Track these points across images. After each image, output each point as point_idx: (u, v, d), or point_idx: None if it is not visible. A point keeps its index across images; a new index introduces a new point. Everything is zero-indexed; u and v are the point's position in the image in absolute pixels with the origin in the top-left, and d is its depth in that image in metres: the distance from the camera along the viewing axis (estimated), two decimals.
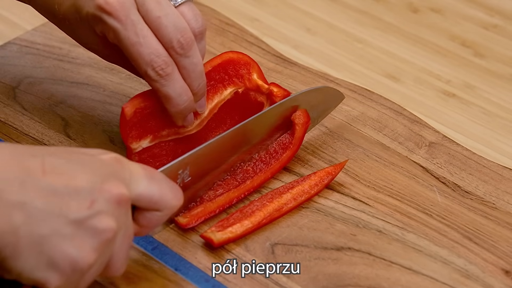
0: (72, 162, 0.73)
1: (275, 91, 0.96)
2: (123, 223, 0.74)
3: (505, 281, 0.86)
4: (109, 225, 0.72)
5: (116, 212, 0.73)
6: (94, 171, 0.73)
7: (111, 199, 0.73)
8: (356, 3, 1.24)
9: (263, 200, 0.91)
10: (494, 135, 1.05)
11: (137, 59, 0.87)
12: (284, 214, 0.90)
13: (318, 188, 0.93)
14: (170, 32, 0.87)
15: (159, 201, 0.77)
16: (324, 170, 0.94)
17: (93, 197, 0.72)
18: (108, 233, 0.72)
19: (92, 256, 0.72)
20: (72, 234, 0.71)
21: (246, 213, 0.89)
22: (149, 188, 0.77)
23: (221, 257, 0.87)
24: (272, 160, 0.94)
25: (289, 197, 0.91)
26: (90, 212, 0.71)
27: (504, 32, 1.21)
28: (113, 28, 0.86)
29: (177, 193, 0.79)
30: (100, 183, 0.73)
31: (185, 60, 0.88)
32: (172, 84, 0.88)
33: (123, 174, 0.75)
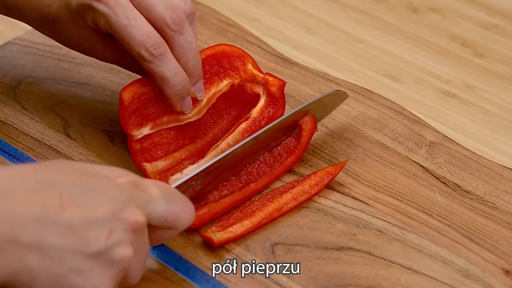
0: (90, 190, 0.72)
1: (271, 80, 0.96)
2: (138, 247, 0.75)
3: (505, 281, 0.86)
4: (126, 254, 0.72)
5: (133, 239, 0.73)
6: (112, 198, 0.73)
7: (128, 227, 0.73)
8: (356, 3, 1.24)
9: (263, 200, 0.91)
10: (494, 135, 1.05)
11: (129, 41, 0.87)
12: (284, 214, 0.90)
13: (318, 188, 0.93)
14: (162, 9, 0.87)
15: (173, 222, 0.78)
16: (324, 170, 0.94)
17: (111, 227, 0.72)
18: (125, 262, 0.72)
19: (109, 284, 0.72)
20: (90, 268, 0.71)
21: (246, 213, 0.89)
22: (165, 211, 0.77)
23: (221, 257, 0.87)
24: (276, 164, 0.94)
25: (289, 197, 0.91)
26: (108, 243, 0.71)
27: (504, 32, 1.21)
28: (103, 13, 0.86)
29: (191, 213, 0.80)
30: (117, 211, 0.72)
31: (180, 38, 0.88)
32: (166, 64, 0.88)
33: (140, 199, 0.75)
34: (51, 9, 0.91)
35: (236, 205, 0.91)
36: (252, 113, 0.95)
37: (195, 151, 0.94)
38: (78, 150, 0.96)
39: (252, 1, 1.24)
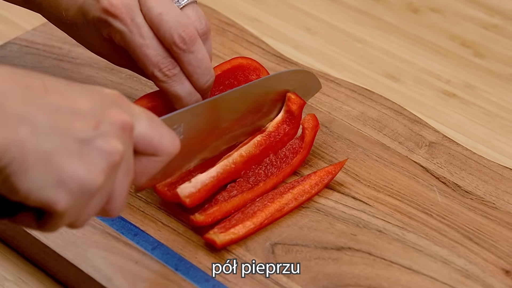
0: (73, 86, 0.70)
1: (293, 98, 0.96)
2: (127, 152, 0.71)
3: (505, 281, 0.86)
4: (116, 146, 0.69)
5: (121, 137, 0.70)
6: (96, 98, 0.70)
7: (116, 123, 0.70)
8: (356, 3, 1.25)
9: (264, 200, 0.91)
10: (494, 135, 1.05)
11: (143, 61, 0.87)
12: (286, 214, 0.90)
13: (318, 188, 0.93)
14: (171, 27, 0.87)
15: (157, 145, 0.74)
16: (324, 169, 0.94)
17: (98, 119, 0.69)
18: (115, 155, 0.69)
19: (100, 177, 0.68)
20: (79, 152, 0.67)
21: (248, 214, 0.89)
22: (149, 129, 0.74)
23: (221, 257, 0.87)
24: (283, 164, 0.94)
25: (290, 197, 0.91)
26: (96, 132, 0.68)
27: (504, 32, 1.21)
28: (119, 30, 0.87)
29: (175, 140, 0.76)
30: (103, 108, 0.70)
31: (189, 56, 0.88)
32: (180, 84, 0.88)
33: (125, 108, 0.72)
34: (69, 14, 0.91)
35: (246, 203, 0.91)
36: (268, 127, 0.95)
37: (206, 163, 0.94)
38: None
39: (252, 1, 1.24)
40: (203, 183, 0.88)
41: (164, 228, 0.89)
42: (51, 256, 0.86)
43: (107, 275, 0.84)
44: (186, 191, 0.87)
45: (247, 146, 0.93)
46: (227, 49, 1.12)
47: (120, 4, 0.86)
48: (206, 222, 0.87)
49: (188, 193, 0.87)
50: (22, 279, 0.88)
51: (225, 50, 1.12)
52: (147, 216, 0.90)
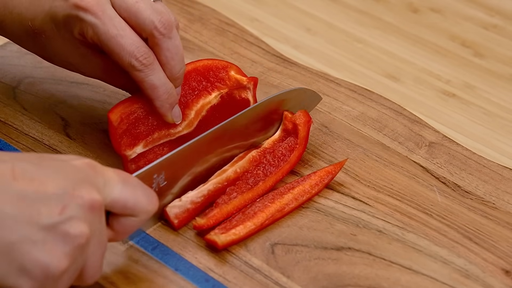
0: (43, 167, 0.72)
1: (289, 116, 0.96)
2: (96, 229, 0.73)
3: (505, 281, 0.86)
4: (81, 230, 0.71)
5: (88, 218, 0.72)
6: (66, 177, 0.72)
7: (83, 205, 0.71)
8: (356, 3, 1.25)
9: (264, 201, 0.91)
10: (494, 135, 1.05)
11: (119, 51, 0.87)
12: (286, 214, 0.90)
13: (318, 188, 0.93)
14: (150, 14, 0.87)
15: (133, 207, 0.76)
16: (324, 169, 0.94)
17: (65, 202, 0.70)
18: (80, 238, 0.71)
19: (64, 262, 0.70)
20: (43, 240, 0.69)
21: (248, 215, 0.89)
22: (123, 193, 0.75)
23: (221, 257, 0.87)
24: (281, 163, 0.94)
25: (290, 197, 0.91)
26: (62, 217, 0.70)
27: (504, 32, 1.21)
28: (91, 24, 0.86)
29: (152, 198, 0.78)
30: (71, 189, 0.71)
31: (168, 42, 0.88)
32: (156, 73, 0.88)
33: (96, 180, 0.74)
34: (36, 23, 0.91)
35: (247, 203, 0.90)
36: (264, 144, 0.96)
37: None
38: (78, 150, 0.96)
39: (252, 1, 1.24)
40: (193, 202, 0.89)
41: (164, 228, 0.89)
42: None
43: (107, 275, 0.84)
44: (175, 211, 0.88)
45: (242, 163, 0.93)
46: (227, 49, 1.12)
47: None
48: (208, 225, 0.87)
49: (176, 214, 0.88)
50: None
51: (225, 50, 1.12)
52: None
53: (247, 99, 0.96)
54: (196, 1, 1.20)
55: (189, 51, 1.11)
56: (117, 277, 0.84)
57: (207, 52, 1.11)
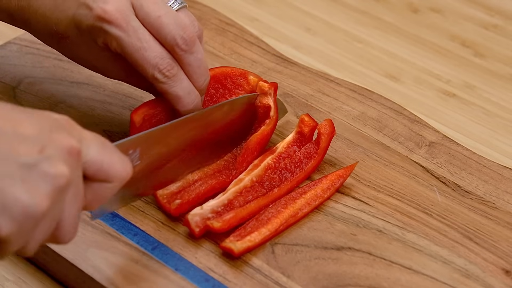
0: (19, 110, 0.70)
1: (306, 120, 0.95)
2: (75, 177, 0.71)
3: (505, 281, 0.86)
4: (62, 170, 0.68)
5: (68, 161, 0.69)
6: (44, 122, 0.70)
7: (62, 148, 0.69)
8: (356, 3, 1.25)
9: (277, 206, 0.90)
10: (494, 135, 1.05)
11: (142, 64, 0.87)
12: (300, 219, 0.90)
13: (330, 192, 0.92)
14: (172, 29, 0.87)
15: (108, 171, 0.74)
16: (335, 173, 0.93)
17: (43, 143, 0.68)
18: (61, 179, 0.68)
19: (45, 202, 0.67)
20: (23, 177, 0.67)
21: (262, 221, 0.88)
22: (99, 154, 0.73)
23: (221, 257, 0.86)
24: (297, 169, 0.93)
25: (303, 202, 0.91)
26: (41, 156, 0.68)
27: (504, 32, 1.21)
28: (115, 36, 0.86)
29: (127, 166, 0.75)
30: (49, 132, 0.69)
31: (190, 57, 0.88)
32: (180, 84, 0.88)
33: (73, 133, 0.71)
34: (60, 27, 0.90)
35: (261, 210, 0.90)
36: (279, 148, 0.95)
37: (209, 171, 0.94)
38: None
39: (252, 1, 1.24)
40: (213, 210, 0.88)
41: (164, 228, 0.89)
42: (51, 256, 0.86)
43: (107, 275, 0.84)
44: (196, 219, 0.87)
45: (257, 171, 0.92)
46: (227, 49, 1.12)
47: (114, 10, 0.86)
48: (223, 229, 0.87)
49: (197, 222, 0.87)
50: (22, 279, 0.88)
51: (225, 50, 1.12)
52: (147, 216, 0.90)
53: (268, 104, 0.95)
54: (196, 1, 1.20)
55: None
56: (117, 277, 0.84)
57: (207, 52, 1.11)
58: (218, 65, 1.08)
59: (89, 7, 0.87)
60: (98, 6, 0.86)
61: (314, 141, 0.95)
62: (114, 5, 0.86)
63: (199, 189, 0.91)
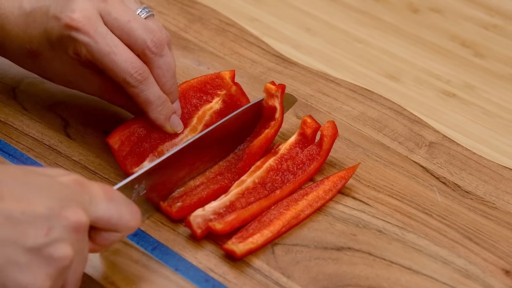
0: (31, 186, 0.72)
1: (309, 122, 0.95)
2: (79, 249, 0.74)
3: (505, 281, 0.86)
4: (65, 253, 0.71)
5: (73, 239, 0.72)
6: (53, 195, 0.72)
7: (69, 226, 0.72)
8: (356, 3, 1.24)
9: (279, 208, 0.90)
10: (494, 135, 1.05)
11: (113, 68, 0.89)
12: (302, 221, 0.90)
13: (332, 193, 0.92)
14: (142, 33, 0.89)
15: (117, 223, 0.77)
16: (336, 174, 0.93)
17: (51, 224, 0.71)
18: (64, 260, 0.71)
19: (46, 283, 0.71)
20: (27, 262, 0.70)
21: (264, 223, 0.88)
22: (108, 211, 0.76)
23: (221, 257, 0.86)
24: (300, 171, 0.93)
25: (305, 204, 0.90)
26: (47, 239, 0.71)
27: (504, 32, 1.21)
28: (84, 43, 0.88)
29: (136, 215, 0.78)
30: (58, 209, 0.72)
31: (160, 60, 0.90)
32: (150, 88, 0.90)
33: (82, 198, 0.74)
34: (33, 45, 0.92)
35: (263, 211, 0.90)
36: (281, 149, 0.94)
37: (211, 174, 0.94)
38: (78, 150, 0.96)
39: (251, 1, 1.24)
40: (215, 212, 0.88)
41: (164, 228, 0.89)
42: None
43: (107, 275, 0.84)
44: (198, 221, 0.87)
45: (260, 173, 0.92)
46: (227, 49, 1.12)
47: (80, 17, 0.88)
48: (225, 231, 0.87)
49: (199, 224, 0.87)
50: None
51: (225, 50, 1.12)
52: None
53: (274, 106, 0.95)
54: (196, 1, 1.20)
55: (189, 51, 1.11)
56: (117, 277, 0.84)
57: (207, 52, 1.11)
58: (218, 65, 1.08)
59: (57, 18, 0.89)
60: (65, 15, 0.88)
61: (316, 143, 0.95)
62: (81, 13, 0.88)
63: (201, 193, 0.91)
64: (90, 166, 0.95)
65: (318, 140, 0.95)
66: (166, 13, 1.18)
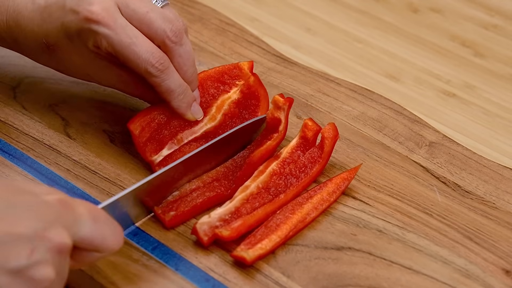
0: (14, 205, 0.72)
1: (309, 124, 0.94)
2: (61, 269, 0.74)
3: (505, 281, 0.86)
4: (47, 274, 0.71)
5: (55, 260, 0.72)
6: (37, 216, 0.72)
7: (52, 248, 0.72)
8: (356, 3, 1.25)
9: (285, 212, 0.90)
10: (494, 135, 1.05)
11: (134, 59, 0.89)
12: (308, 224, 0.90)
13: (336, 195, 0.92)
14: (161, 23, 0.89)
15: (99, 245, 0.76)
16: (339, 176, 0.93)
17: (34, 245, 0.71)
18: (45, 282, 0.71)
19: None
20: (8, 284, 0.70)
21: (271, 228, 0.88)
22: (91, 232, 0.75)
23: (221, 257, 0.86)
24: (302, 175, 0.93)
25: (310, 207, 0.90)
26: (29, 261, 0.70)
27: (504, 32, 1.21)
28: (104, 35, 0.88)
29: (119, 237, 0.78)
30: (42, 230, 0.72)
31: (180, 49, 0.90)
32: (171, 77, 0.90)
33: (66, 218, 0.74)
34: (50, 39, 0.92)
35: (269, 216, 0.89)
36: (283, 153, 0.94)
37: (208, 179, 0.93)
38: (78, 150, 0.96)
39: (252, 1, 1.24)
40: (221, 219, 0.88)
41: (164, 228, 0.89)
42: None
43: (107, 275, 0.84)
44: (204, 228, 0.87)
45: (263, 177, 0.92)
46: (227, 49, 1.12)
47: (100, 10, 0.88)
48: (232, 237, 0.86)
49: (205, 231, 0.87)
50: None
51: (225, 50, 1.12)
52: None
53: (279, 118, 0.95)
54: (196, 1, 1.20)
55: None
56: (117, 277, 0.84)
57: (207, 52, 1.11)
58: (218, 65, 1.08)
59: (75, 12, 0.88)
60: (84, 8, 0.88)
61: (318, 145, 0.95)
62: (100, 6, 0.88)
63: (195, 201, 0.90)
64: (90, 166, 0.95)
65: (319, 142, 0.95)
66: None
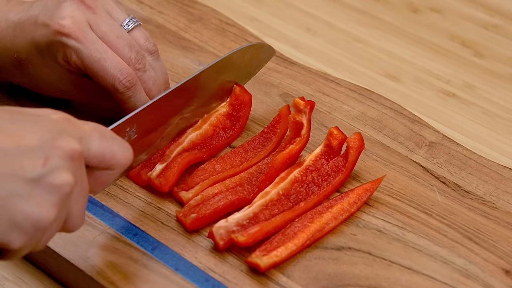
0: (20, 121, 0.72)
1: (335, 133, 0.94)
2: (79, 178, 0.73)
3: (505, 281, 0.86)
4: (66, 179, 0.71)
5: (71, 167, 0.72)
6: (44, 129, 0.72)
7: (64, 155, 0.72)
8: (356, 3, 1.25)
9: (303, 220, 0.88)
10: (494, 135, 1.05)
11: (102, 74, 0.90)
12: (326, 234, 0.89)
13: (357, 206, 0.91)
14: (127, 52, 0.91)
15: (110, 161, 0.76)
16: (361, 187, 0.92)
17: (46, 154, 0.71)
18: (66, 187, 0.71)
19: (53, 212, 0.71)
20: (29, 193, 0.70)
21: (288, 235, 0.87)
22: (100, 147, 0.76)
23: (221, 257, 0.86)
24: (325, 183, 0.92)
25: (330, 217, 0.89)
26: (45, 169, 0.70)
27: (504, 32, 1.21)
28: (74, 48, 0.89)
29: (128, 152, 0.78)
30: (51, 140, 0.72)
31: (144, 75, 0.92)
32: (138, 95, 0.92)
33: (74, 132, 0.74)
34: (21, 55, 0.93)
35: (287, 224, 0.88)
36: (306, 161, 0.93)
37: (230, 184, 0.93)
38: None
39: (251, 1, 1.24)
40: (238, 223, 0.87)
41: (164, 228, 0.89)
42: (51, 256, 0.86)
43: (107, 275, 0.84)
44: (221, 232, 0.87)
45: (284, 184, 0.91)
46: (227, 49, 1.12)
47: (71, 24, 0.89)
48: (248, 243, 0.86)
49: (222, 235, 0.87)
50: (22, 279, 0.88)
51: (225, 50, 1.12)
52: (147, 216, 0.90)
53: (301, 122, 0.95)
54: (196, 1, 1.20)
55: (189, 51, 1.11)
56: (117, 277, 0.84)
57: (207, 52, 1.11)
58: None
59: (47, 25, 0.90)
60: (55, 22, 0.89)
61: (342, 155, 0.93)
62: (71, 20, 0.89)
63: (217, 204, 0.89)
64: None
65: (344, 152, 0.94)
66: (166, 13, 1.18)
